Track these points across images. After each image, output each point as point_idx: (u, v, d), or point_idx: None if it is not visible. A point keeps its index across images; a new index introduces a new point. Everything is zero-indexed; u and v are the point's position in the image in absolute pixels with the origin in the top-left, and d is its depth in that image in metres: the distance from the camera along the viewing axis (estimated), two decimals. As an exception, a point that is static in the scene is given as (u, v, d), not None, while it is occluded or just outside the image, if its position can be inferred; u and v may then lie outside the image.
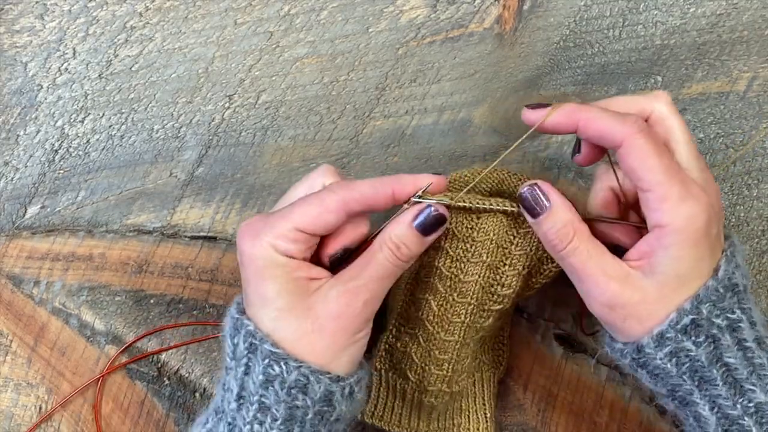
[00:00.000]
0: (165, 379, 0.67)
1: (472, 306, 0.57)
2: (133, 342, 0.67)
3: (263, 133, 0.69)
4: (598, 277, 0.51)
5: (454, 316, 0.57)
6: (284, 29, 0.69)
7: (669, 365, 0.52)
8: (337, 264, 0.54)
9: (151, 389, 0.67)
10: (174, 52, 0.70)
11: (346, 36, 0.69)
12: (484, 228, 0.56)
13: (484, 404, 0.64)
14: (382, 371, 0.61)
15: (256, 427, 0.51)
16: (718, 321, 0.51)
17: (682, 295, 0.50)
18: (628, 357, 0.53)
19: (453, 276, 0.57)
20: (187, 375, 0.67)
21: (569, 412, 0.66)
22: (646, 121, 0.53)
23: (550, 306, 0.66)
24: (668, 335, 0.51)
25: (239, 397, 0.51)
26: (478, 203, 0.55)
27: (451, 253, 0.56)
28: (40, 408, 0.67)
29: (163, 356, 0.67)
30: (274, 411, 0.50)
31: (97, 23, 0.70)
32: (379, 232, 0.54)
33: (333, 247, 0.54)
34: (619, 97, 0.55)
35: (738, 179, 0.67)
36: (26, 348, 0.68)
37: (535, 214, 0.53)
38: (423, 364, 0.59)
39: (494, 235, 0.55)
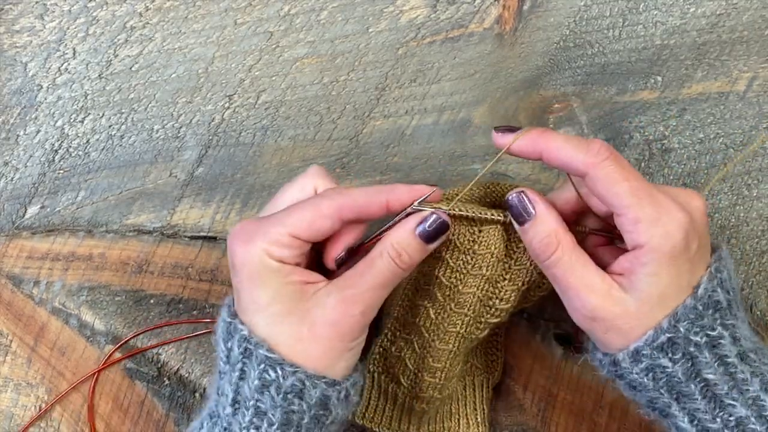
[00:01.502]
0: (165, 379, 0.67)
1: (469, 317, 0.57)
2: (131, 338, 0.67)
3: (263, 133, 0.69)
4: (580, 288, 0.51)
5: (450, 326, 0.57)
6: (284, 29, 0.69)
7: (645, 379, 0.52)
8: (342, 264, 0.54)
9: (151, 389, 0.67)
10: (174, 52, 0.70)
11: (346, 36, 0.69)
12: (485, 241, 0.55)
13: (475, 409, 0.64)
14: (375, 374, 0.61)
15: (253, 431, 0.50)
16: (697, 338, 0.50)
17: (662, 311, 0.50)
18: (606, 368, 0.54)
19: (452, 286, 0.57)
20: (187, 375, 0.67)
21: (569, 412, 0.66)
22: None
23: (550, 306, 0.66)
24: (644, 352, 0.51)
25: (234, 401, 0.51)
26: (477, 212, 0.55)
27: (452, 264, 0.56)
28: (40, 408, 0.67)
29: (162, 356, 0.67)
30: (270, 416, 0.50)
31: (97, 23, 0.70)
32: (380, 232, 0.54)
33: (337, 249, 0.54)
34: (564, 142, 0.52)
35: (738, 179, 0.67)
36: (26, 348, 0.68)
37: (520, 222, 0.53)
38: (416, 371, 0.59)
39: (495, 248, 0.55)
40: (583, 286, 0.51)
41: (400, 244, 0.52)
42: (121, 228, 0.69)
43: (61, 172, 0.69)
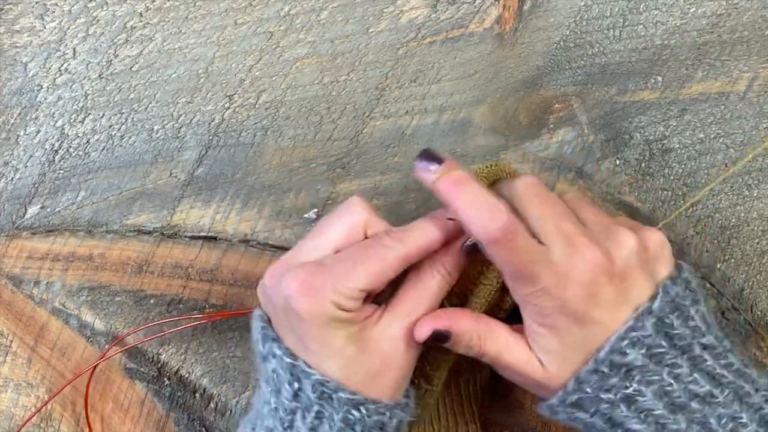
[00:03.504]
0: (165, 379, 0.67)
1: None
2: (129, 335, 0.67)
3: (263, 133, 0.69)
4: (510, 368, 0.54)
5: None
6: (284, 29, 0.69)
7: (574, 423, 0.54)
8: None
9: (151, 389, 0.67)
10: (174, 52, 0.70)
11: (346, 36, 0.69)
12: (491, 275, 0.57)
13: (462, 407, 0.64)
14: None
15: None
16: (609, 396, 0.50)
17: (570, 369, 0.52)
18: (541, 411, 0.56)
19: (461, 294, 0.58)
20: (187, 375, 0.67)
21: (569, 412, 0.66)
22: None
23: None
24: (558, 409, 0.53)
25: None
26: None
27: (467, 273, 0.58)
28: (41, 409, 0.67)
29: (163, 356, 0.67)
30: None
31: (97, 23, 0.70)
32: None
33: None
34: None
35: (738, 179, 0.67)
36: (26, 348, 0.68)
37: (445, 345, 0.55)
38: (413, 378, 0.59)
39: (497, 283, 0.57)
40: (513, 366, 0.53)
41: (451, 264, 0.55)
42: (121, 228, 0.69)
43: (61, 172, 0.69)
